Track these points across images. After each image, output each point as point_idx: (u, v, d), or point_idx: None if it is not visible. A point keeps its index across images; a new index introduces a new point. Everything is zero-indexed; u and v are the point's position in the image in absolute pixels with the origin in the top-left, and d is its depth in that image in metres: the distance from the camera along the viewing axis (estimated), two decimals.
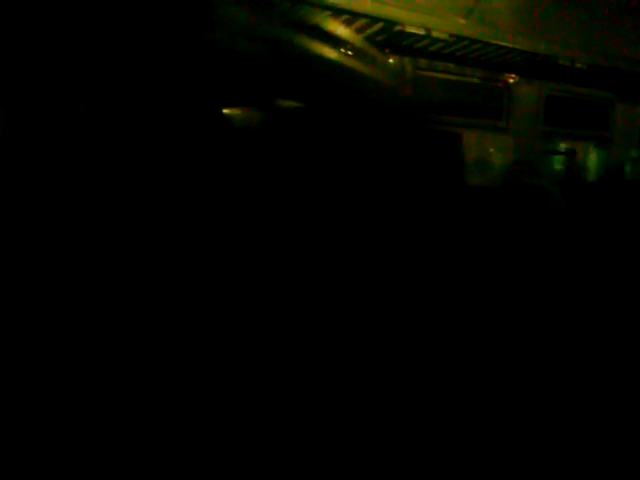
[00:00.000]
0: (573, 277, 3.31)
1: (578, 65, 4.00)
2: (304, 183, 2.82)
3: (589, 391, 2.47)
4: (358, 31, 3.21)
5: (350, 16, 3.03)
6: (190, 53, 2.52)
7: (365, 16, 3.05)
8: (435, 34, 3.33)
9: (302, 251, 2.68)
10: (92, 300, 2.26)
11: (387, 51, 3.47)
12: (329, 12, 2.93)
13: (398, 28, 3.19)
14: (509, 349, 2.76)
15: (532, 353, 2.73)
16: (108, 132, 2.41)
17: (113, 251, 2.35)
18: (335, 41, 3.08)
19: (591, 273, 3.44)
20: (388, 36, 3.32)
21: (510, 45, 3.67)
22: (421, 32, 3.26)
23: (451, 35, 3.40)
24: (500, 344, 2.79)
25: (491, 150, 4.00)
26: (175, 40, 2.49)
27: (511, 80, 4.15)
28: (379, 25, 3.17)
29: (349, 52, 3.18)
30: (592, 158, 4.63)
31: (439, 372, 2.53)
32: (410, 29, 3.22)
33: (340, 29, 3.06)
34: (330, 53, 3.05)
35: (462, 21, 3.42)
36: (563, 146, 4.44)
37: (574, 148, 4.45)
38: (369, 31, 3.24)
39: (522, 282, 3.16)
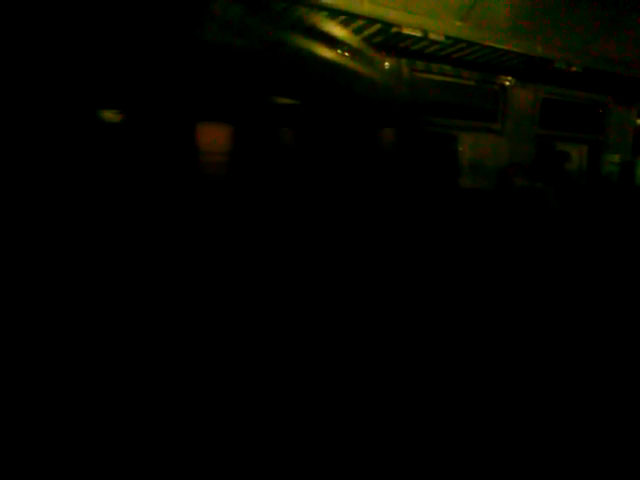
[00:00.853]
0: (567, 278, 3.32)
1: (574, 68, 4.01)
2: (297, 182, 2.82)
3: (584, 391, 2.48)
4: (355, 32, 3.22)
5: (347, 17, 3.03)
6: (187, 51, 2.52)
7: (362, 18, 3.05)
8: (432, 36, 3.33)
9: (295, 251, 2.69)
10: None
11: (384, 53, 3.47)
12: (326, 13, 2.94)
13: (395, 30, 3.19)
14: (503, 349, 2.77)
15: (529, 353, 2.74)
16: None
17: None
18: (332, 42, 3.08)
19: (585, 274, 3.46)
20: (385, 38, 3.33)
21: (506, 48, 3.67)
22: (418, 34, 3.26)
23: (448, 37, 3.40)
24: (495, 343, 2.81)
25: (486, 152, 4.02)
26: (172, 38, 2.49)
27: (507, 83, 4.16)
28: (376, 27, 3.17)
29: (346, 53, 3.18)
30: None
31: (431, 372, 2.54)
32: (407, 31, 3.22)
33: (337, 30, 3.06)
34: (327, 53, 3.05)
35: (459, 24, 3.42)
36: (558, 149, 4.46)
37: (568, 151, 4.47)
38: (366, 32, 3.25)
39: (516, 283, 3.18)
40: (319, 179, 2.90)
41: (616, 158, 4.85)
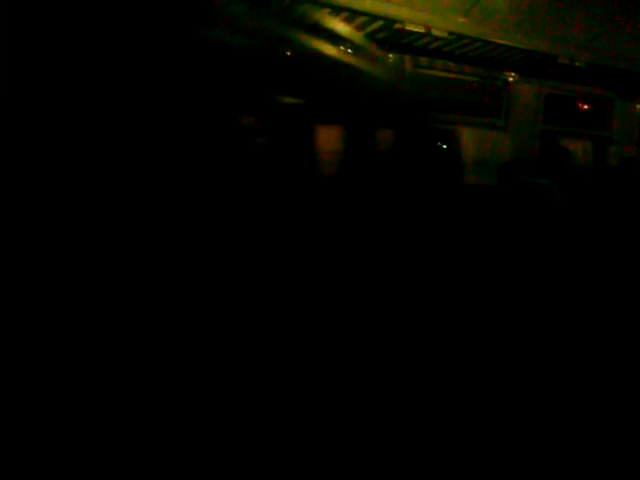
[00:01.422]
0: (572, 274, 3.32)
1: (577, 64, 4.00)
2: (300, 179, 2.83)
3: (589, 389, 2.47)
4: (358, 29, 3.22)
5: (350, 14, 3.03)
6: (190, 50, 2.53)
7: (365, 14, 3.05)
8: (435, 32, 3.32)
9: (297, 247, 2.69)
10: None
11: (387, 49, 3.47)
12: (329, 9, 2.94)
13: (398, 26, 3.18)
14: (508, 346, 2.77)
15: (532, 350, 2.74)
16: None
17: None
18: (335, 39, 3.08)
19: (590, 271, 3.45)
20: (388, 34, 3.32)
21: (509, 43, 3.66)
22: (421, 30, 3.25)
23: (451, 33, 3.39)
24: (499, 341, 2.80)
25: (490, 148, 4.01)
26: (175, 37, 2.50)
27: (510, 78, 4.15)
28: (379, 23, 3.17)
29: (349, 50, 3.18)
30: None
31: (437, 370, 2.54)
32: (410, 27, 3.21)
33: (340, 27, 3.07)
34: (330, 50, 3.06)
35: (462, 19, 3.42)
36: (561, 145, 4.45)
37: (572, 147, 4.46)
38: (369, 29, 3.24)
39: (521, 280, 3.17)
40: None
41: None
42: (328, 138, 2.83)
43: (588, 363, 2.72)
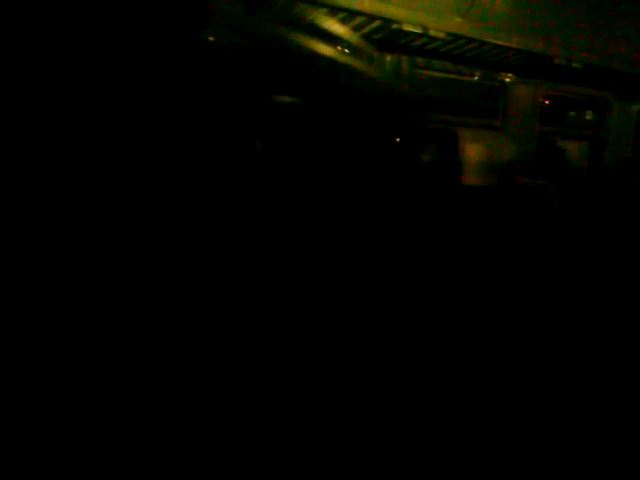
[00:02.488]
0: (568, 273, 3.33)
1: (574, 65, 4.01)
2: (299, 180, 2.83)
3: (588, 389, 2.47)
4: (355, 29, 3.22)
5: (347, 14, 3.02)
6: (188, 49, 2.52)
7: (362, 14, 3.04)
8: (432, 33, 3.32)
9: (298, 248, 2.69)
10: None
11: (384, 49, 3.47)
12: (326, 10, 2.93)
13: (395, 26, 3.19)
14: (506, 346, 2.77)
15: (529, 351, 2.74)
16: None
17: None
18: (332, 39, 3.08)
19: (586, 269, 3.45)
20: (385, 34, 3.32)
21: (507, 44, 3.67)
22: (418, 31, 3.26)
23: (448, 34, 3.39)
24: (497, 341, 2.81)
25: (487, 149, 4.01)
26: (172, 37, 2.49)
27: (507, 79, 4.15)
28: (376, 23, 3.17)
29: (346, 50, 3.18)
30: None
31: (435, 370, 2.54)
32: (407, 28, 3.22)
33: (337, 27, 3.06)
34: (327, 50, 3.05)
35: (459, 20, 3.42)
36: (558, 145, 4.46)
37: (566, 147, 4.47)
38: (366, 29, 3.24)
39: (518, 280, 3.18)
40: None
41: None
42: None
43: (586, 362, 2.73)
